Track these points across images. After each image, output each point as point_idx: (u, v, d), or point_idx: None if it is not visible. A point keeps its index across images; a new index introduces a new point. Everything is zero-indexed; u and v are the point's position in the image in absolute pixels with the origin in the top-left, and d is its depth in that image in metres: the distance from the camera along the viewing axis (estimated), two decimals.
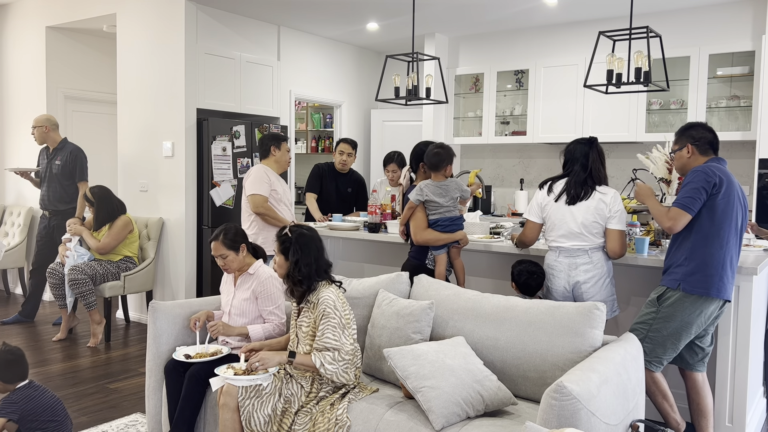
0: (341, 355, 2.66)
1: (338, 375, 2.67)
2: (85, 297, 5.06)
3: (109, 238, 5.24)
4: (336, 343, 2.66)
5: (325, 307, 2.69)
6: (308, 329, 2.78)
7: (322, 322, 2.69)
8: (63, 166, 5.71)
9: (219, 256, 3.15)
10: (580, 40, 6.03)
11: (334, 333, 2.66)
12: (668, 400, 3.13)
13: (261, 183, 4.37)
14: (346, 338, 2.69)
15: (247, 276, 3.21)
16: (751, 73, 5.22)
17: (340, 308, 2.72)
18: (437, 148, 3.66)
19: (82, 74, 6.84)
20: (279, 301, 3.17)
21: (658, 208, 3.05)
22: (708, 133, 3.11)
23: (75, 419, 3.63)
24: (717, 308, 3.00)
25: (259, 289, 3.14)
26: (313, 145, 8.49)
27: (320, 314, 2.70)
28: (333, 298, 2.72)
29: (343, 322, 2.70)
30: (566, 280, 3.30)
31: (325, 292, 2.75)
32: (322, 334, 2.67)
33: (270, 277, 3.17)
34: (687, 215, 2.92)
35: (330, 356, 2.65)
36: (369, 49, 7.60)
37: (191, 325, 3.14)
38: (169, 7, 5.56)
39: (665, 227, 2.98)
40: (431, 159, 3.64)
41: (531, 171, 6.62)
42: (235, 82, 5.98)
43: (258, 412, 2.66)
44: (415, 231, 3.63)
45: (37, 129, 5.70)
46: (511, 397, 2.56)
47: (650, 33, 3.71)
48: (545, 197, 3.37)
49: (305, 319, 2.81)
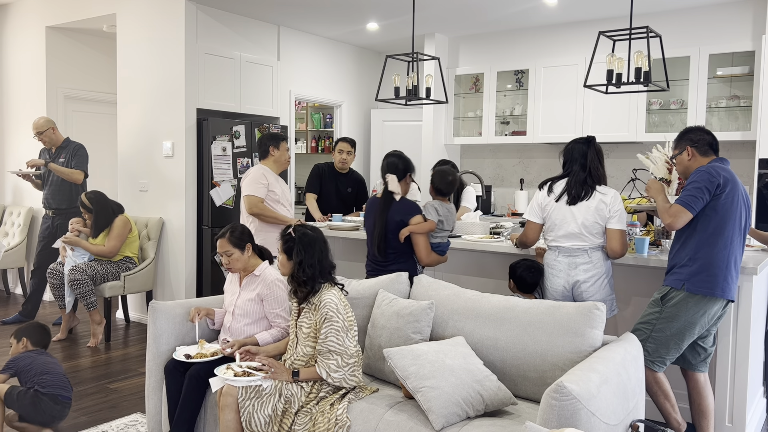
0: (345, 360, 2.66)
1: (346, 380, 2.68)
2: (86, 297, 5.06)
3: (113, 241, 5.24)
4: (339, 347, 2.66)
5: (327, 311, 2.69)
6: (309, 330, 2.78)
7: (324, 325, 2.69)
8: (66, 163, 5.71)
9: (224, 254, 3.15)
10: (580, 40, 6.03)
11: (338, 336, 2.67)
12: (670, 400, 3.13)
13: (257, 184, 4.34)
14: (350, 341, 2.69)
15: (253, 277, 3.20)
16: (751, 73, 5.22)
17: (343, 311, 2.72)
18: (452, 176, 3.74)
19: (82, 74, 6.84)
20: (285, 303, 3.16)
21: (664, 205, 3.05)
22: (706, 135, 3.12)
23: (75, 419, 3.63)
24: (720, 308, 3.00)
25: (266, 291, 3.14)
26: (313, 145, 8.49)
27: (322, 317, 2.70)
28: (336, 301, 2.72)
29: (346, 325, 2.70)
30: (566, 280, 3.30)
31: (327, 295, 2.75)
32: (326, 338, 2.67)
33: (276, 279, 3.16)
34: (688, 213, 2.92)
35: (334, 364, 2.65)
36: (369, 49, 7.60)
37: (191, 318, 3.16)
38: (169, 7, 5.56)
39: (665, 223, 2.98)
40: (448, 186, 3.72)
41: (531, 171, 6.62)
42: (235, 82, 5.98)
43: (258, 412, 2.66)
44: (427, 253, 3.66)
45: (45, 133, 5.67)
46: (511, 397, 2.56)
47: (650, 33, 3.71)
48: (545, 197, 3.37)
49: (306, 320, 2.80)
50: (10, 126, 6.97)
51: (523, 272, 3.41)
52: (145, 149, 5.83)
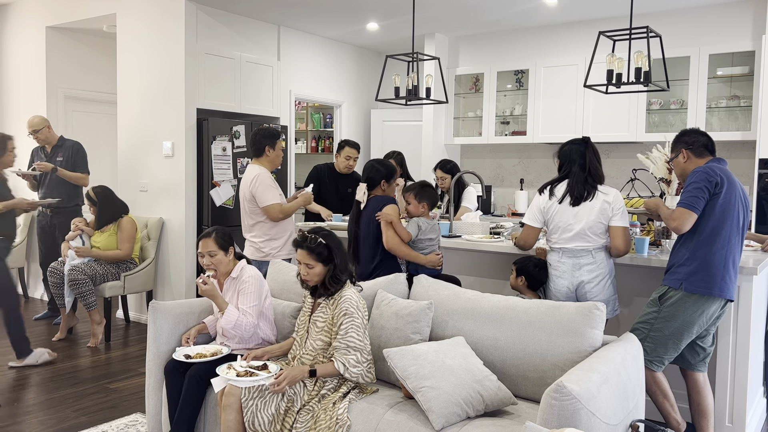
0: (364, 356, 2.70)
1: (363, 376, 2.71)
2: (85, 297, 5.06)
3: (126, 243, 5.29)
4: (360, 344, 2.70)
5: (348, 306, 2.72)
6: (323, 324, 2.79)
7: (345, 320, 2.71)
8: (66, 161, 5.71)
9: (208, 254, 3.13)
10: (580, 40, 6.03)
11: (358, 333, 2.70)
12: (669, 399, 3.13)
13: (271, 190, 4.20)
14: (367, 339, 2.74)
15: (232, 280, 3.20)
16: (751, 73, 5.22)
17: (361, 309, 2.75)
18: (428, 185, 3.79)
19: (82, 74, 6.84)
20: (254, 302, 3.11)
21: (666, 212, 3.08)
22: (701, 136, 3.13)
23: (75, 419, 3.63)
24: (719, 308, 3.00)
25: (240, 287, 3.14)
26: (313, 145, 8.49)
27: (342, 312, 2.72)
28: (355, 299, 2.77)
29: (365, 322, 2.73)
30: (570, 281, 3.30)
31: (347, 291, 2.79)
32: (346, 333, 2.69)
33: (251, 276, 3.16)
34: (692, 214, 2.93)
35: (354, 359, 2.68)
36: (369, 49, 7.60)
37: (183, 342, 3.15)
38: (169, 7, 5.56)
39: (671, 228, 2.99)
40: (433, 199, 3.75)
41: (531, 171, 6.62)
42: (235, 82, 5.98)
43: (261, 412, 2.66)
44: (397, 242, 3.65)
45: (40, 132, 5.69)
46: (511, 397, 2.56)
47: (650, 33, 3.71)
48: (547, 201, 3.36)
49: (321, 314, 2.83)
50: (11, 126, 6.96)
51: (533, 269, 3.42)
52: (145, 149, 5.83)
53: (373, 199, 3.78)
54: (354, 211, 3.88)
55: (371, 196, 3.82)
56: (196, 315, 3.33)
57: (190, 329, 3.21)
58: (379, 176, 3.82)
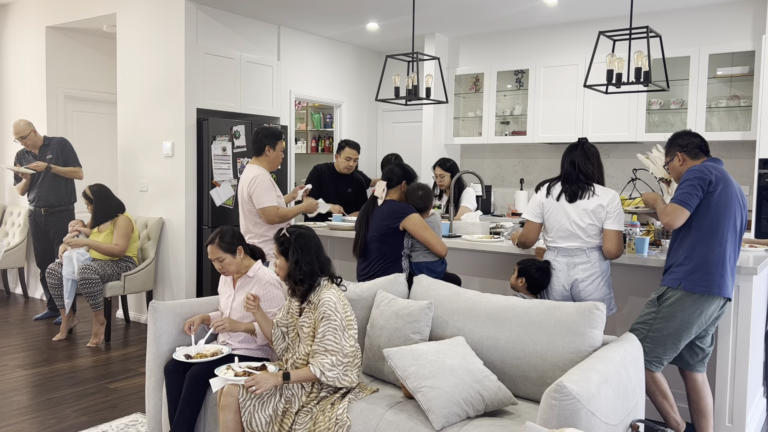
0: (339, 359, 2.66)
1: (339, 380, 2.67)
2: (94, 297, 5.06)
3: (122, 240, 5.26)
4: (336, 346, 2.66)
5: (325, 309, 2.69)
6: (309, 330, 2.78)
7: (322, 323, 2.69)
8: (56, 158, 5.73)
9: (216, 260, 3.13)
10: (580, 40, 6.03)
11: (335, 335, 2.67)
12: (668, 400, 3.13)
13: (269, 192, 4.15)
14: (346, 340, 2.69)
15: (247, 279, 3.19)
16: (751, 73, 5.22)
17: (341, 310, 2.72)
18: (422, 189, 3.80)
19: (82, 74, 6.84)
20: (282, 303, 3.15)
21: (661, 207, 3.10)
22: (694, 138, 3.14)
23: (75, 419, 3.63)
24: (718, 308, 3.00)
25: (262, 293, 3.13)
26: (313, 145, 8.49)
27: (320, 315, 2.70)
28: (334, 300, 2.72)
29: (344, 324, 2.70)
30: (565, 279, 3.32)
31: (326, 294, 2.75)
32: (323, 336, 2.67)
33: (271, 280, 3.16)
34: (684, 210, 2.94)
35: (329, 362, 2.65)
36: (369, 49, 7.60)
37: (186, 329, 3.15)
38: (169, 7, 5.56)
39: (664, 223, 3.00)
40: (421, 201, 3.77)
41: (531, 171, 6.62)
42: (235, 82, 5.98)
43: (259, 412, 2.66)
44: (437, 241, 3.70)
45: (28, 137, 5.69)
46: (511, 397, 2.56)
47: (650, 33, 3.72)
48: (544, 198, 3.40)
49: (306, 319, 2.81)
50: (10, 126, 6.96)
51: (535, 273, 3.42)
52: (145, 149, 5.83)
53: (389, 202, 3.78)
54: (368, 205, 3.84)
55: (388, 197, 3.82)
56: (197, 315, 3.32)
57: (194, 317, 3.19)
58: (397, 178, 3.84)
